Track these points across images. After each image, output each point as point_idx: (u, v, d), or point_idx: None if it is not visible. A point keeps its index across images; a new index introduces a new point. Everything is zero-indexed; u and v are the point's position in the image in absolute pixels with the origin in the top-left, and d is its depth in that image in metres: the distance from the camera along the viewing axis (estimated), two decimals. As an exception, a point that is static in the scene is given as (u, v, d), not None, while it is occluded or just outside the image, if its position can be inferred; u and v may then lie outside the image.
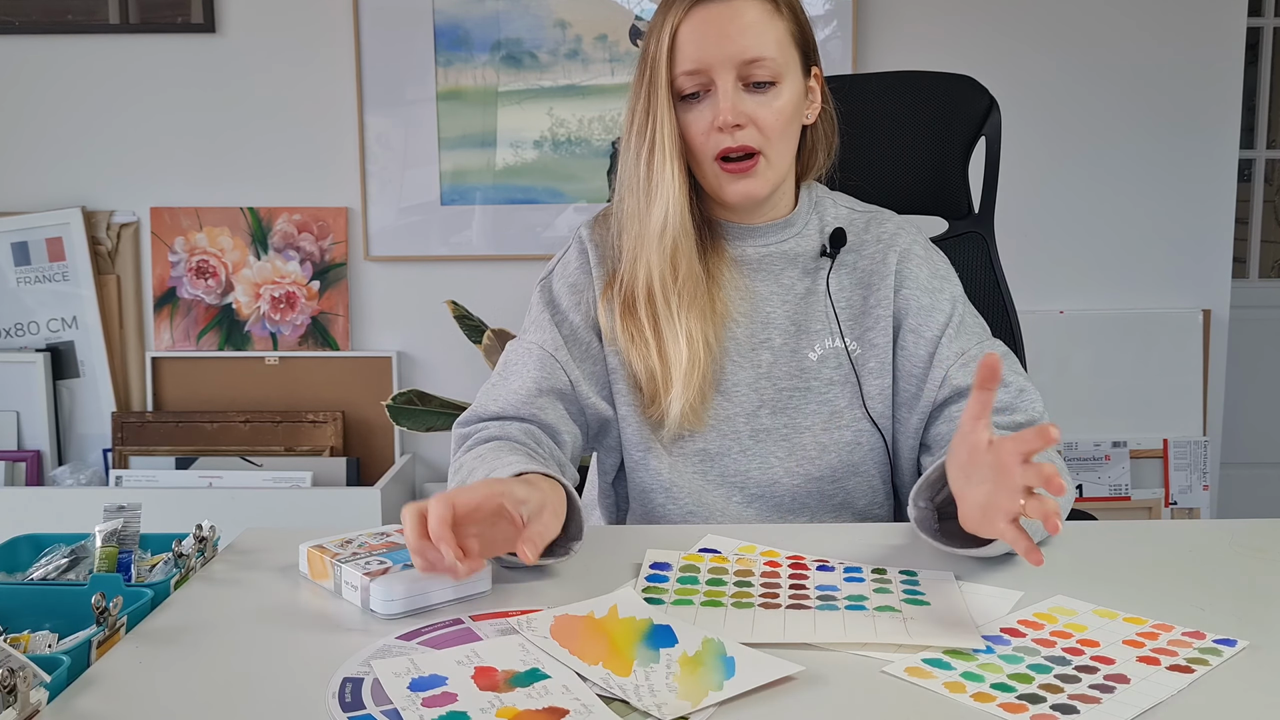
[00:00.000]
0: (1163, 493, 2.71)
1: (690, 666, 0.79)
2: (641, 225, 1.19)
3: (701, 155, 1.19)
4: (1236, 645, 0.82)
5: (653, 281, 1.18)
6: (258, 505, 2.41)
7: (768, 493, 1.23)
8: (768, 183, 1.20)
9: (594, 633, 0.85)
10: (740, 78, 1.16)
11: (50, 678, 0.75)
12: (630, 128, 1.20)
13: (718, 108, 1.15)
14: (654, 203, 1.17)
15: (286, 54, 2.66)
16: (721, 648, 0.81)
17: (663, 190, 1.17)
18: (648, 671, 0.78)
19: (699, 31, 1.15)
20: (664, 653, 0.81)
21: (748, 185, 1.19)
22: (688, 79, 1.16)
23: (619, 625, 0.86)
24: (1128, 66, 2.65)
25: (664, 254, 1.18)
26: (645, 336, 1.19)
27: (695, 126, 1.17)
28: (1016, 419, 1.19)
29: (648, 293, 1.19)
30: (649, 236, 1.18)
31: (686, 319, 1.18)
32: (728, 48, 1.14)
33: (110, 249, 2.72)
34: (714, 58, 1.15)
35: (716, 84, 1.16)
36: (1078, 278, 2.72)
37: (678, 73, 1.16)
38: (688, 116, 1.18)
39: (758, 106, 1.16)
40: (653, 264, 1.18)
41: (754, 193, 1.19)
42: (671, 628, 0.85)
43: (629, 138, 1.20)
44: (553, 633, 0.85)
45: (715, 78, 1.15)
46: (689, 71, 1.16)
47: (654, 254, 1.18)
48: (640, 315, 1.19)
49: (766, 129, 1.17)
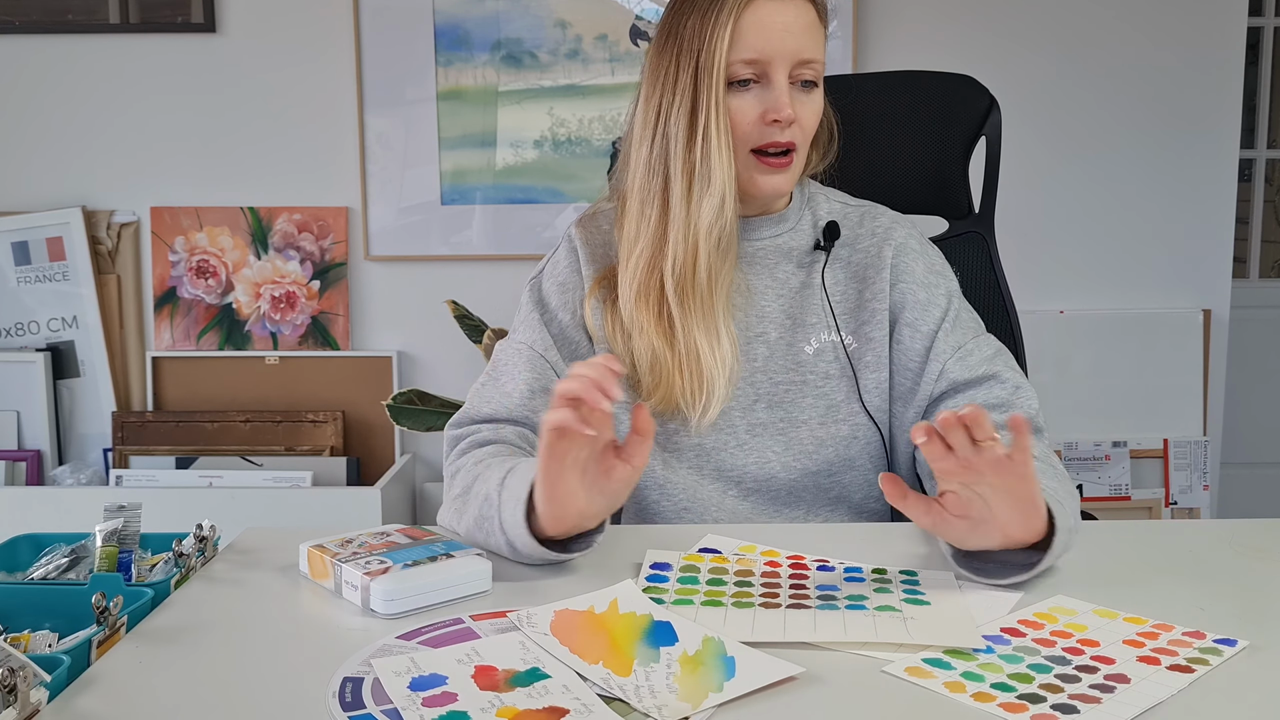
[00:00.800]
0: (1163, 493, 2.71)
1: (690, 666, 0.79)
2: (687, 211, 1.17)
3: (741, 144, 1.19)
4: (1237, 645, 0.82)
5: (698, 270, 1.17)
6: (258, 505, 2.41)
7: (764, 487, 1.23)
8: (795, 179, 1.22)
9: (594, 629, 0.85)
10: (792, 76, 1.17)
11: (50, 677, 0.75)
12: (670, 110, 1.17)
13: (773, 101, 1.16)
14: (709, 192, 1.16)
15: (286, 54, 2.66)
16: (722, 647, 0.81)
17: (719, 179, 1.16)
18: (648, 671, 0.78)
19: (764, 23, 1.16)
20: (664, 651, 0.81)
21: (781, 180, 1.20)
22: (745, 66, 1.16)
23: (619, 621, 0.86)
24: (1128, 66, 2.65)
25: (713, 244, 1.17)
26: (667, 324, 1.18)
27: (744, 114, 1.17)
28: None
29: (679, 282, 1.17)
30: (699, 225, 1.16)
31: (724, 313, 1.19)
32: (790, 44, 1.16)
33: (110, 249, 2.72)
34: (777, 51, 1.15)
35: (772, 77, 1.16)
36: (1078, 278, 2.72)
37: (735, 59, 1.16)
38: (735, 102, 1.17)
39: (802, 105, 1.18)
40: (700, 252, 1.17)
41: (784, 187, 1.21)
42: (672, 624, 0.85)
43: (661, 124, 1.18)
44: (553, 629, 0.85)
45: (771, 71, 1.16)
46: (749, 60, 1.16)
47: (703, 243, 1.16)
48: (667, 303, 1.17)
49: (807, 128, 1.20)
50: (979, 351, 1.21)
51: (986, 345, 1.23)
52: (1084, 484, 2.69)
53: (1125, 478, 2.69)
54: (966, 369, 1.20)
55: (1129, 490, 2.70)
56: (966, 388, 1.20)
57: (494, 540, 1.02)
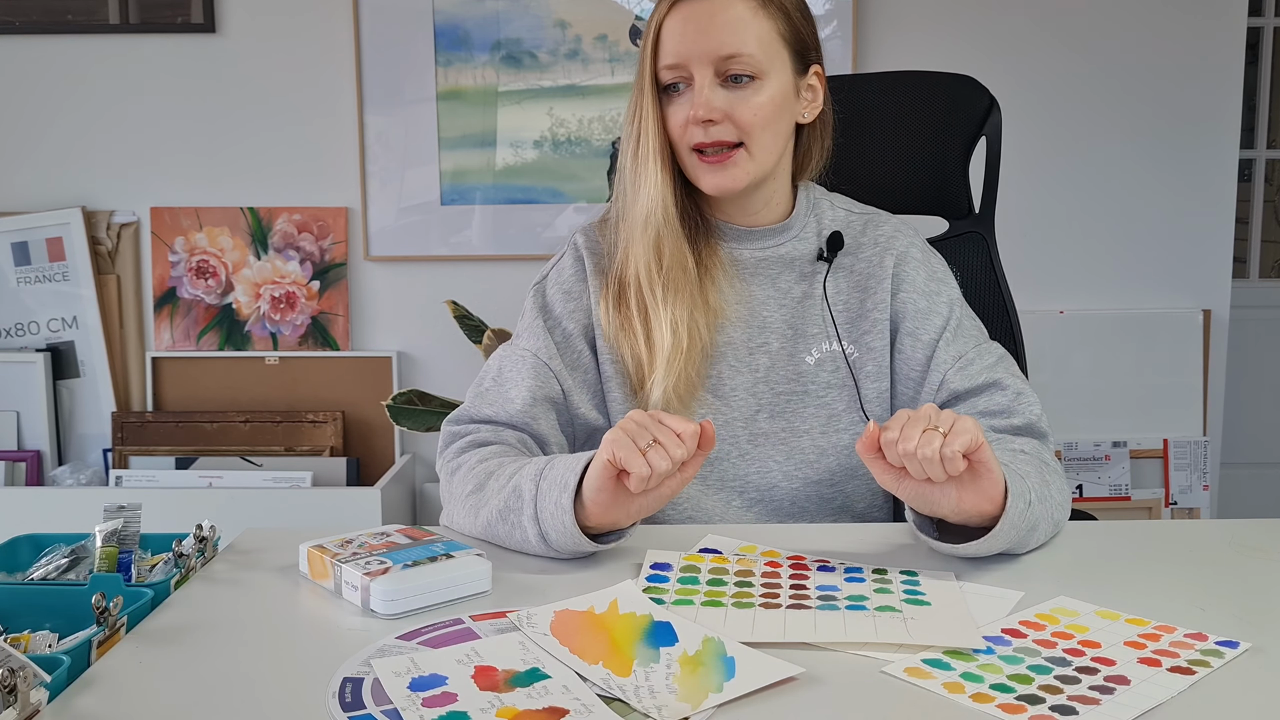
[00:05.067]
0: (1163, 493, 2.71)
1: (690, 666, 0.79)
2: (629, 215, 1.21)
3: (679, 147, 1.21)
4: (1239, 647, 0.82)
5: (639, 271, 1.20)
6: (258, 505, 2.41)
7: (766, 497, 1.23)
8: (747, 175, 1.20)
9: (594, 629, 0.85)
10: (718, 73, 1.17)
11: (50, 678, 0.75)
12: (626, 120, 1.23)
13: (691, 102, 1.17)
14: (640, 193, 1.20)
15: (286, 54, 2.66)
16: (721, 647, 0.81)
17: (646, 181, 1.19)
18: (648, 672, 0.78)
19: (680, 27, 1.17)
20: (664, 652, 0.81)
21: (723, 177, 1.19)
22: (668, 72, 1.19)
23: (619, 622, 0.86)
24: (1128, 66, 2.65)
25: (647, 244, 1.20)
26: (634, 325, 1.21)
27: (673, 119, 1.20)
28: (1014, 422, 1.19)
29: (635, 282, 1.21)
30: (635, 226, 1.20)
31: (672, 308, 1.19)
32: (704, 43, 1.16)
33: (110, 249, 2.72)
34: (691, 52, 1.17)
35: (694, 78, 1.17)
36: (1078, 278, 2.72)
37: (660, 66, 1.19)
38: (669, 109, 1.20)
39: (736, 102, 1.17)
40: (638, 254, 1.20)
41: (729, 185, 1.20)
42: (672, 625, 0.85)
43: (624, 133, 1.23)
44: (553, 629, 0.85)
45: (693, 72, 1.17)
46: (669, 65, 1.18)
47: (638, 244, 1.20)
48: (630, 305, 1.21)
49: (744, 124, 1.18)
50: (980, 360, 1.21)
51: (988, 353, 1.23)
52: (1084, 484, 2.69)
53: (1125, 478, 2.69)
54: (967, 378, 1.20)
55: (1129, 490, 2.70)
56: (968, 396, 1.20)
57: (519, 533, 1.03)
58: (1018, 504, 0.98)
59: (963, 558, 1.01)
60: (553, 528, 1.00)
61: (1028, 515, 1.00)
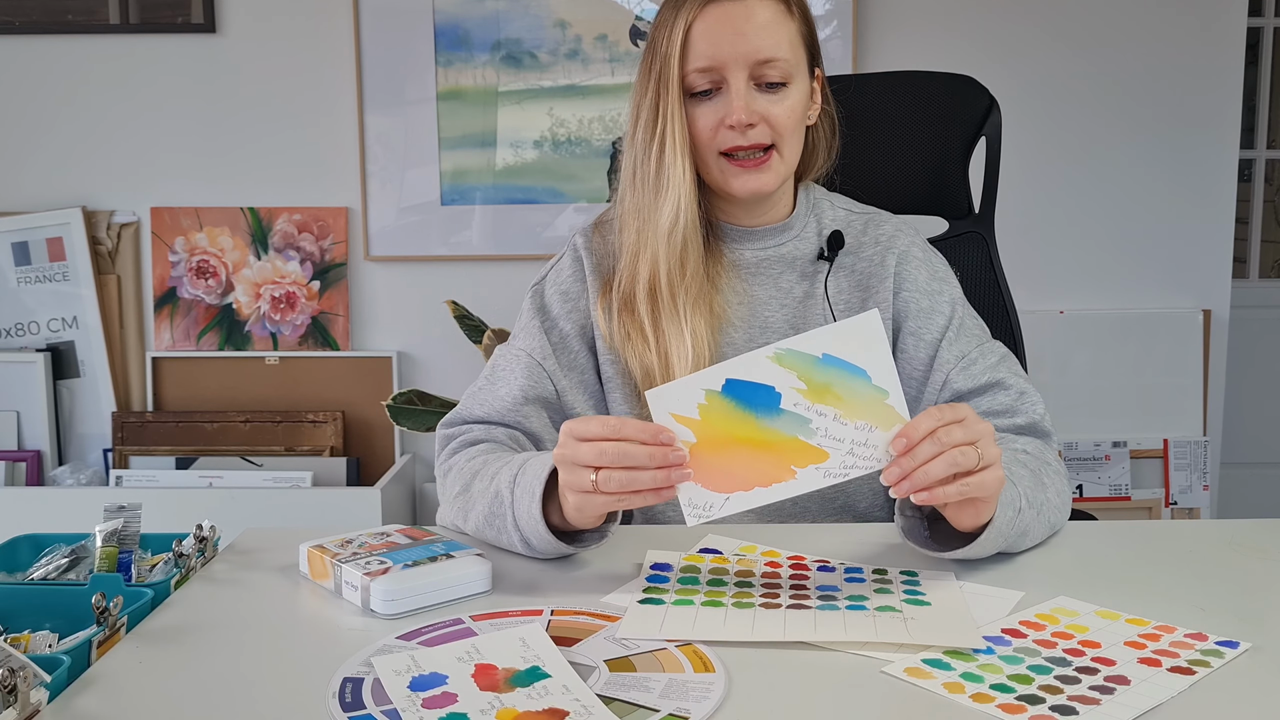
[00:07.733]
0: (1163, 493, 2.71)
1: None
2: (648, 221, 1.18)
3: (707, 151, 1.18)
4: (1239, 647, 0.82)
5: (659, 277, 1.17)
6: (258, 505, 2.41)
7: None
8: (779, 178, 1.20)
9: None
10: (752, 77, 1.16)
11: (50, 678, 0.75)
12: (636, 124, 1.19)
13: (729, 106, 1.15)
14: (664, 198, 1.17)
15: (286, 54, 2.66)
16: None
17: (674, 186, 1.16)
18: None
19: (713, 30, 1.15)
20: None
21: (759, 180, 1.18)
22: (700, 76, 1.16)
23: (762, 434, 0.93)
24: (1128, 66, 2.65)
25: (673, 250, 1.17)
26: (645, 334, 1.18)
27: (703, 122, 1.17)
28: (1017, 421, 1.19)
29: (650, 289, 1.18)
30: (657, 232, 1.17)
31: (692, 317, 1.18)
32: (742, 46, 1.14)
33: (110, 249, 2.72)
34: (728, 56, 1.14)
35: (729, 82, 1.15)
36: (1078, 278, 2.72)
37: (689, 69, 1.16)
38: (695, 112, 1.17)
39: (769, 105, 1.16)
40: (659, 259, 1.17)
41: (764, 187, 1.19)
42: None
43: (634, 134, 1.19)
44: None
45: (728, 76, 1.15)
46: (702, 69, 1.15)
47: (662, 249, 1.17)
48: (639, 312, 1.18)
49: (779, 127, 1.17)
50: (983, 359, 1.21)
51: (991, 353, 1.23)
52: (1084, 484, 2.69)
53: (1125, 478, 2.69)
54: (970, 378, 1.20)
55: (1129, 490, 2.70)
56: (970, 396, 1.20)
57: (506, 537, 1.03)
58: (1006, 512, 0.98)
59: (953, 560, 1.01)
60: (531, 534, 1.00)
61: (1016, 522, 1.00)
